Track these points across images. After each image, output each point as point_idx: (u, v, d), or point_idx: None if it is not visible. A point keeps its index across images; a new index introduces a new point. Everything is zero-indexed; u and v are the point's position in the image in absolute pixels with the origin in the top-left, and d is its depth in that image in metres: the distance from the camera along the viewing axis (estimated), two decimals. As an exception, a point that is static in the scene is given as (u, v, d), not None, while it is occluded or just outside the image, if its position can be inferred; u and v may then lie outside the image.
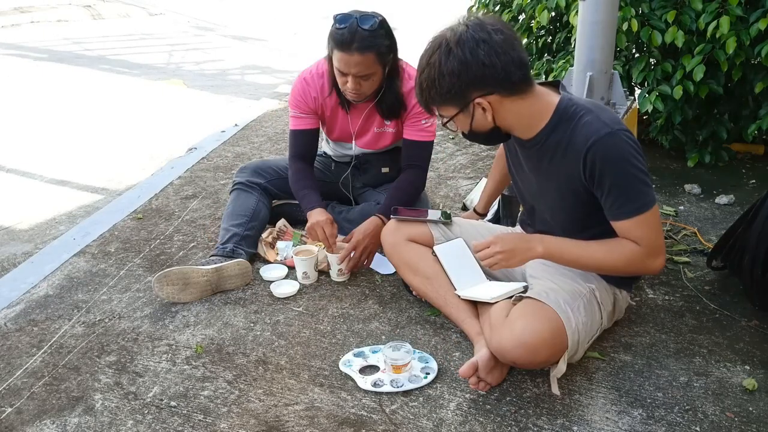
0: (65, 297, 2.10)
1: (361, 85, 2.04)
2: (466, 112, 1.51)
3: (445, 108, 1.53)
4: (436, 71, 1.46)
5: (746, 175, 2.98)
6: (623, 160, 1.47)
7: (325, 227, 2.10)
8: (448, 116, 1.55)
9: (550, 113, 1.55)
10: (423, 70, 1.49)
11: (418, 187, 2.30)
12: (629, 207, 1.49)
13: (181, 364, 1.75)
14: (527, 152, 1.65)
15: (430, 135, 2.26)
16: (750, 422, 1.50)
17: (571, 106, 1.54)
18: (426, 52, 1.49)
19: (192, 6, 10.60)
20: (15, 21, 8.72)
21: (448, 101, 1.51)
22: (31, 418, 1.56)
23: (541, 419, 1.52)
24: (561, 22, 3.22)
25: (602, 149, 1.46)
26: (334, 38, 1.98)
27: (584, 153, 1.48)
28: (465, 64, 1.43)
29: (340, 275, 2.15)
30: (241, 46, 7.61)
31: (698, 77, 2.59)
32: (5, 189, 3.18)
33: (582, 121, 1.50)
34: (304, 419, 1.53)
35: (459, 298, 1.80)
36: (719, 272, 2.13)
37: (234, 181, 2.41)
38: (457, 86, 1.46)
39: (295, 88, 2.25)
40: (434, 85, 1.47)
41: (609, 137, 1.46)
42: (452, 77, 1.45)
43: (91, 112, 4.61)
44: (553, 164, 1.58)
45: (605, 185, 1.49)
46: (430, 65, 1.47)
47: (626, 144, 1.47)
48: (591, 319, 1.64)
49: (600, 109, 1.54)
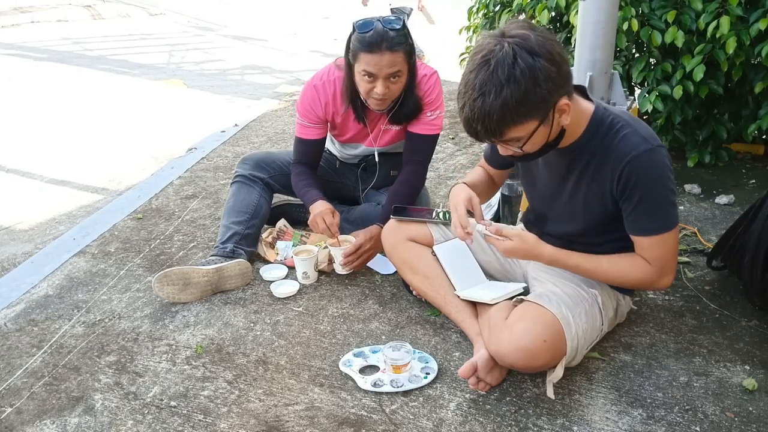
0: (65, 297, 2.10)
1: (390, 88, 2.01)
2: (547, 123, 1.39)
3: (527, 124, 1.37)
4: (527, 82, 1.30)
5: (746, 175, 2.98)
6: (659, 179, 1.46)
7: (325, 217, 2.09)
8: (527, 134, 1.39)
9: (586, 120, 1.51)
10: (502, 89, 1.30)
11: (417, 188, 2.28)
12: (652, 225, 1.49)
13: (181, 364, 1.75)
14: (558, 159, 1.59)
15: (436, 128, 2.23)
16: (750, 422, 1.50)
17: (608, 116, 1.51)
18: (496, 70, 1.30)
19: (192, 6, 10.60)
20: (15, 21, 8.72)
21: (536, 113, 1.35)
22: (31, 418, 1.56)
23: (541, 419, 1.52)
24: (561, 22, 3.22)
25: (641, 166, 1.44)
26: (360, 42, 1.95)
27: (622, 167, 1.45)
28: (557, 65, 1.33)
29: (344, 268, 2.14)
30: (241, 46, 7.61)
31: (698, 77, 2.59)
32: (5, 189, 3.18)
33: (621, 133, 1.47)
34: (304, 419, 1.53)
35: (459, 298, 1.80)
36: (719, 272, 2.13)
37: (236, 173, 2.37)
38: (551, 92, 1.33)
39: (304, 96, 2.22)
40: (525, 99, 1.31)
41: (649, 154, 1.44)
42: (548, 82, 1.31)
43: (91, 112, 4.61)
44: (585, 174, 1.55)
45: (634, 200, 1.48)
46: (515, 80, 1.29)
47: (664, 163, 1.46)
48: (591, 326, 1.63)
49: (637, 123, 1.51)
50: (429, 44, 6.39)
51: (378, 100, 2.04)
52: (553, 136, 1.47)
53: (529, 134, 1.39)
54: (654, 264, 1.53)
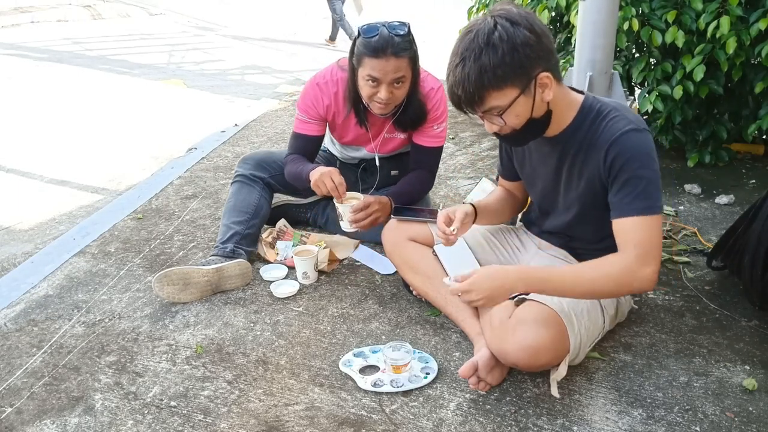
0: (65, 297, 2.10)
1: (393, 93, 2.01)
2: (528, 93, 1.41)
3: (506, 91, 1.39)
4: (505, 46, 1.34)
5: (746, 175, 2.98)
6: (646, 155, 1.45)
7: (333, 176, 2.04)
8: (507, 102, 1.41)
9: (576, 109, 1.54)
10: (480, 53, 1.35)
11: (426, 186, 2.32)
12: (638, 204, 1.45)
13: (181, 364, 1.75)
14: (550, 150, 1.61)
15: (440, 140, 2.27)
16: (750, 422, 1.50)
17: (597, 103, 1.54)
18: (476, 37, 1.36)
19: (192, 6, 10.60)
20: (15, 21, 8.73)
21: (514, 79, 1.38)
22: (31, 418, 1.56)
23: (541, 419, 1.52)
24: (561, 22, 3.22)
25: (627, 142, 1.45)
26: (365, 47, 1.95)
27: (608, 147, 1.47)
28: (536, 34, 1.36)
29: (351, 225, 2.08)
30: (241, 46, 7.61)
31: (698, 77, 2.60)
32: (5, 189, 3.18)
33: (608, 118, 1.49)
34: (304, 419, 1.53)
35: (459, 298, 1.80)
36: (719, 272, 2.13)
37: (236, 173, 2.37)
38: (530, 59, 1.36)
39: (306, 92, 2.22)
40: (502, 62, 1.34)
41: (635, 133, 1.45)
42: (525, 48, 1.35)
43: (92, 112, 4.61)
44: (576, 161, 1.57)
45: (621, 180, 1.46)
46: (492, 45, 1.34)
47: (650, 145, 1.47)
48: (593, 323, 1.63)
49: (625, 109, 1.53)
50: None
51: (381, 105, 2.04)
52: (538, 113, 1.47)
53: (509, 102, 1.41)
54: (635, 250, 1.44)
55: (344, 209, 2.07)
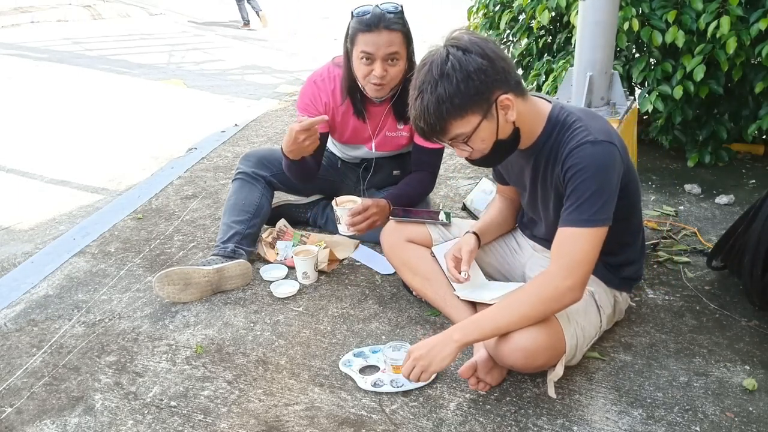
0: (65, 297, 2.10)
1: (388, 71, 2.02)
2: (491, 118, 1.43)
3: (468, 119, 1.42)
4: (458, 75, 1.37)
5: (746, 175, 2.98)
6: (596, 167, 1.44)
7: (296, 125, 1.96)
8: (471, 129, 1.43)
9: (545, 119, 1.55)
10: (436, 85, 1.38)
11: (426, 188, 2.31)
12: (575, 216, 1.45)
13: (181, 364, 1.75)
14: (525, 162, 1.63)
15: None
16: (750, 422, 1.50)
17: (564, 113, 1.54)
18: (431, 69, 1.39)
19: (192, 6, 10.59)
20: (15, 21, 8.72)
21: (473, 106, 1.40)
22: (31, 418, 1.56)
23: (541, 419, 1.52)
24: (561, 23, 3.22)
25: (580, 153, 1.45)
26: (359, 23, 1.98)
27: (564, 158, 1.48)
28: (489, 59, 1.39)
29: (349, 229, 2.08)
30: (241, 46, 7.61)
31: (698, 77, 2.59)
32: (5, 189, 3.18)
33: (571, 129, 1.50)
34: (304, 419, 1.53)
35: (458, 299, 1.80)
36: (719, 272, 2.13)
37: (238, 170, 2.35)
38: (486, 84, 1.39)
39: (304, 92, 2.22)
40: (458, 91, 1.37)
41: (590, 145, 1.45)
42: (479, 74, 1.37)
43: (92, 112, 4.61)
44: (546, 174, 1.58)
45: (569, 189, 1.47)
46: (446, 75, 1.37)
47: (605, 156, 1.45)
48: (590, 323, 1.64)
49: (591, 118, 1.53)
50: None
51: (376, 85, 2.04)
52: (504, 134, 1.48)
53: (472, 129, 1.43)
54: (559, 260, 1.45)
55: (342, 213, 2.07)
